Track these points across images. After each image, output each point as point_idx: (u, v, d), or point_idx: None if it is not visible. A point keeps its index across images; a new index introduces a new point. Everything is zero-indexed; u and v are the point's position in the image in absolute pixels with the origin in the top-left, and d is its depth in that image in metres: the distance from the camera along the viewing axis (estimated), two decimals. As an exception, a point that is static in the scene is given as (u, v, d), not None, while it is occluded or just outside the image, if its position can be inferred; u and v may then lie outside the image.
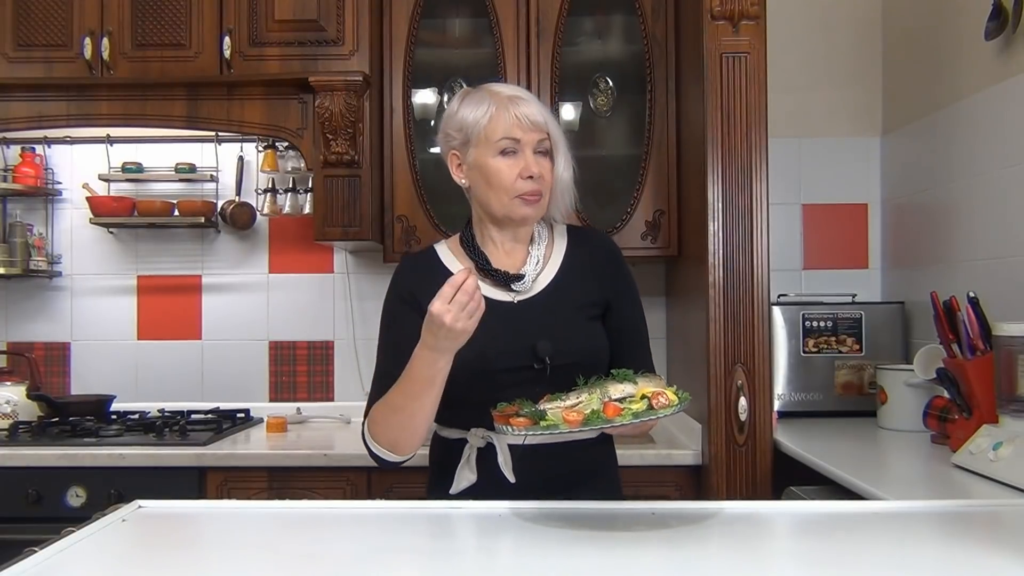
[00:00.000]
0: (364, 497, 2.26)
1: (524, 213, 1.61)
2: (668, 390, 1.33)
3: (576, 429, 1.28)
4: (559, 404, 1.32)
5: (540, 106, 1.62)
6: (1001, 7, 2.12)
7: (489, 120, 1.59)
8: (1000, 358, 1.76)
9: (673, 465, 2.27)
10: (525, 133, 1.58)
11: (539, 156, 1.60)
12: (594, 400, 1.31)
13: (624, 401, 1.30)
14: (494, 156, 1.58)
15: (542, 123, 1.59)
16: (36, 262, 2.96)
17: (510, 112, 1.58)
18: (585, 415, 1.28)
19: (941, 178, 2.48)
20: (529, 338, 1.55)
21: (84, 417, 2.66)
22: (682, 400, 1.32)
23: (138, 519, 1.41)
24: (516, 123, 1.57)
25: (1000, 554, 1.21)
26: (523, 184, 1.58)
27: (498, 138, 1.58)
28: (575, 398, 1.33)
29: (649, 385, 1.34)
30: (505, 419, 1.33)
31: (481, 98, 1.61)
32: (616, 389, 1.33)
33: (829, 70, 2.92)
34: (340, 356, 3.00)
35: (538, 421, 1.29)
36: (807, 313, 2.61)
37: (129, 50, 2.57)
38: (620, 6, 2.72)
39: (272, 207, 2.92)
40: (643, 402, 1.30)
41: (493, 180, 1.59)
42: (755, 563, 1.22)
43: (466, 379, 1.55)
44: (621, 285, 1.69)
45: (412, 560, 1.23)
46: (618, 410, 1.28)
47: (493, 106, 1.59)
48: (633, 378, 1.35)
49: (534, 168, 1.58)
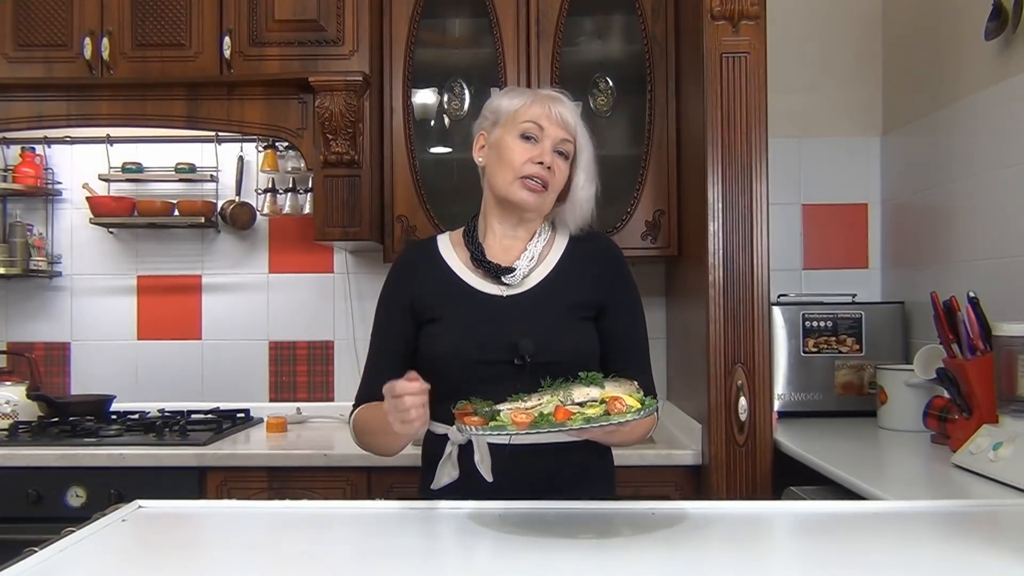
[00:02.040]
0: (364, 497, 2.26)
1: (522, 197, 1.62)
2: (633, 396, 1.28)
3: (524, 432, 1.24)
4: (518, 405, 1.29)
5: (575, 115, 1.66)
6: (1001, 7, 2.12)
7: (522, 106, 1.64)
8: (1000, 358, 1.76)
9: (673, 465, 2.27)
10: (550, 125, 1.62)
11: (558, 156, 1.63)
12: (552, 402, 1.27)
13: (584, 405, 1.26)
14: (514, 137, 1.63)
15: (571, 125, 1.63)
16: (36, 262, 2.96)
17: (544, 104, 1.63)
18: (534, 417, 1.23)
19: (941, 178, 2.48)
20: (513, 334, 1.55)
21: (84, 417, 2.66)
22: (646, 406, 1.27)
23: (138, 519, 1.41)
24: (546, 113, 1.62)
25: (1000, 554, 1.21)
26: (530, 167, 1.60)
27: (523, 120, 1.62)
28: (536, 399, 1.30)
29: (617, 390, 1.30)
30: (461, 417, 1.31)
31: (524, 91, 1.70)
32: (580, 392, 1.30)
33: (829, 70, 2.92)
34: (340, 356, 3.01)
35: (489, 422, 1.26)
36: (807, 313, 2.61)
37: (129, 50, 2.57)
38: (620, 6, 2.72)
39: (272, 207, 2.92)
40: (600, 407, 1.25)
41: (504, 156, 1.63)
42: (755, 563, 1.22)
43: (448, 371, 1.57)
44: (619, 289, 1.68)
45: (412, 560, 1.23)
46: (568, 414, 1.23)
47: (531, 98, 1.65)
48: (601, 382, 1.32)
49: (546, 157, 1.61)
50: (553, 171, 1.61)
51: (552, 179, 1.62)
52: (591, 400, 1.27)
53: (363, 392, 1.69)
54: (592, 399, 1.27)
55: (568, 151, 1.64)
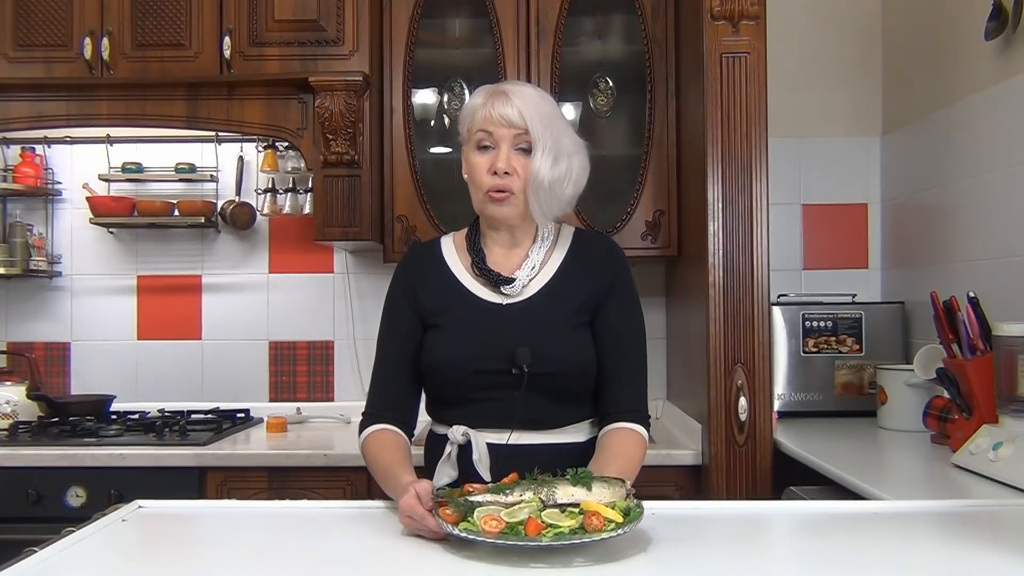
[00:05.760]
0: (364, 497, 2.25)
1: (492, 211, 1.59)
2: (615, 508, 1.20)
3: (491, 540, 1.15)
4: (499, 498, 1.23)
5: (527, 103, 1.56)
6: (1001, 7, 2.12)
7: (472, 114, 1.60)
8: (1000, 358, 1.76)
9: (673, 465, 2.27)
10: (497, 128, 1.56)
11: (518, 153, 1.56)
12: (532, 503, 1.21)
13: (564, 510, 1.19)
14: (473, 150, 1.59)
15: (516, 120, 1.54)
16: (36, 262, 2.96)
17: (487, 108, 1.57)
18: (502, 528, 1.17)
19: (941, 178, 2.48)
20: (511, 343, 1.54)
21: (84, 417, 2.66)
22: (630, 520, 1.18)
23: (138, 519, 1.41)
24: (489, 117, 1.56)
25: (1000, 554, 1.21)
26: (489, 180, 1.57)
27: (476, 130, 1.58)
28: (517, 495, 1.23)
29: (604, 495, 1.23)
30: (440, 505, 1.25)
31: (479, 94, 1.62)
32: (564, 492, 1.23)
33: (829, 70, 2.92)
34: (340, 356, 3.01)
35: (464, 517, 1.21)
36: (807, 313, 2.61)
37: (129, 50, 2.57)
38: (620, 6, 2.72)
39: (272, 207, 2.92)
40: (578, 518, 1.18)
41: (471, 173, 1.61)
42: (755, 563, 1.22)
43: (447, 378, 1.58)
44: (617, 293, 1.64)
45: (412, 560, 1.23)
46: (539, 528, 1.15)
47: (481, 101, 1.59)
48: (590, 483, 1.24)
49: (500, 163, 1.55)
50: (515, 173, 1.55)
51: (516, 182, 1.56)
52: (572, 504, 1.21)
53: (372, 403, 1.65)
54: (575, 502, 1.21)
55: (528, 143, 1.56)
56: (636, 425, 1.59)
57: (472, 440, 1.57)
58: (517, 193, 1.57)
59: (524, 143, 1.56)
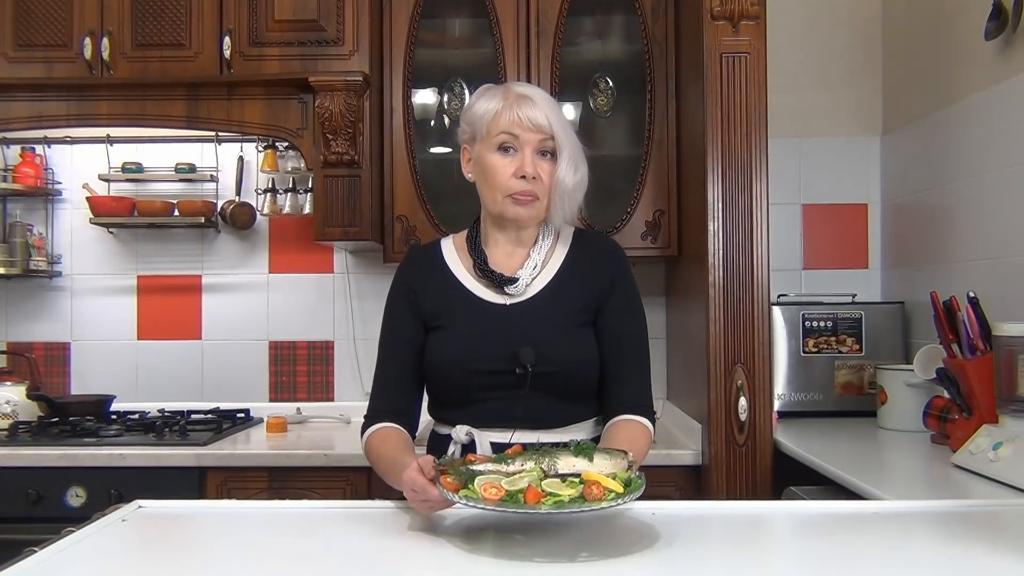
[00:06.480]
0: (364, 497, 2.26)
1: (515, 213, 1.60)
2: (616, 479, 1.21)
3: (491, 507, 1.17)
4: (500, 467, 1.24)
5: (551, 108, 1.60)
6: (1001, 7, 2.12)
7: (494, 116, 1.60)
8: (1000, 358, 1.76)
9: (673, 465, 2.27)
10: (524, 132, 1.57)
11: (540, 158, 1.59)
12: (533, 472, 1.21)
13: (565, 480, 1.20)
14: (492, 152, 1.59)
15: (544, 125, 1.57)
16: (36, 262, 2.96)
17: (513, 110, 1.58)
18: (501, 496, 1.17)
19: (941, 178, 2.48)
20: (515, 343, 1.55)
21: (84, 417, 2.66)
22: (630, 491, 1.19)
23: (138, 519, 1.41)
24: (516, 121, 1.57)
25: (1000, 554, 1.21)
26: (516, 183, 1.58)
27: (498, 132, 1.58)
28: (519, 464, 1.24)
29: (606, 466, 1.23)
30: (441, 473, 1.26)
31: (494, 94, 1.63)
32: (566, 463, 1.24)
33: (829, 70, 2.92)
34: (340, 356, 3.01)
35: (465, 485, 1.21)
36: (807, 313, 2.61)
37: (129, 50, 2.57)
38: (620, 6, 2.72)
39: (272, 207, 2.92)
40: (578, 487, 1.18)
41: (489, 176, 1.60)
42: (755, 563, 1.22)
43: (451, 379, 1.59)
44: (619, 292, 1.65)
45: (412, 560, 1.23)
46: (539, 497, 1.16)
47: (501, 103, 1.60)
48: (591, 454, 1.25)
49: (528, 168, 1.57)
50: (539, 177, 1.58)
51: (540, 186, 1.59)
52: (574, 474, 1.21)
53: (373, 408, 1.65)
54: (576, 472, 1.22)
55: (551, 148, 1.59)
56: (641, 418, 1.61)
57: (476, 440, 1.57)
58: (541, 198, 1.60)
59: (546, 148, 1.59)
